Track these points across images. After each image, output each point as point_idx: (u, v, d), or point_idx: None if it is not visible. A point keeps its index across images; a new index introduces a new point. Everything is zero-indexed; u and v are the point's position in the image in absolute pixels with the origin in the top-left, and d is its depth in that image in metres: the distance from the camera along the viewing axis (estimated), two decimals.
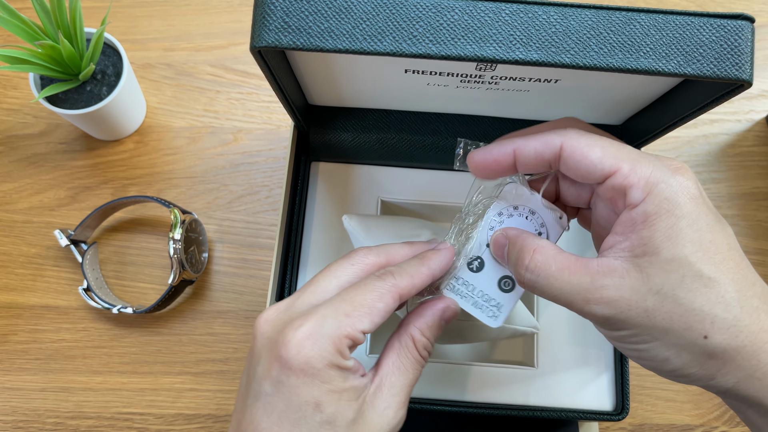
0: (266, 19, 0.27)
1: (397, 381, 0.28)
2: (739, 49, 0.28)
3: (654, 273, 0.24)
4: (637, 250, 0.25)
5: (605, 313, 0.25)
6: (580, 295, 0.25)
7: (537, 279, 0.27)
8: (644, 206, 0.25)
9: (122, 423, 0.48)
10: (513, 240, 0.29)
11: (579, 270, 0.26)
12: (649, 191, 0.25)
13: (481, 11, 0.28)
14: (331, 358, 0.25)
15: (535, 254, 0.27)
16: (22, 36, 0.45)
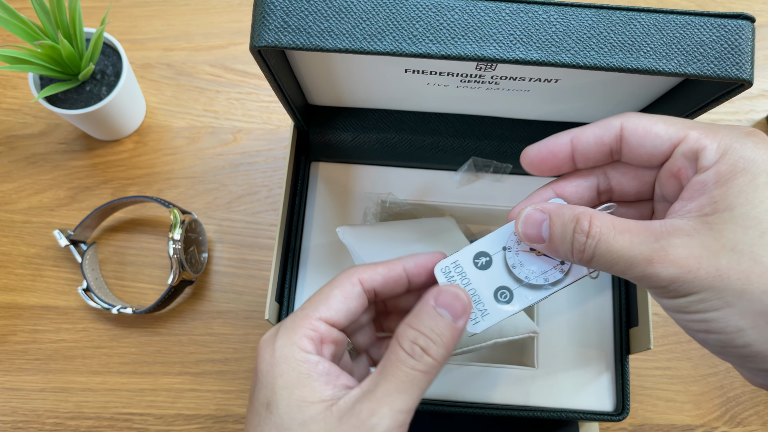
0: (266, 19, 0.27)
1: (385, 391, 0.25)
2: (740, 48, 0.28)
3: (727, 229, 0.22)
4: (706, 209, 0.23)
5: (671, 274, 0.22)
6: (643, 256, 0.23)
7: (597, 244, 0.24)
8: (717, 167, 0.23)
9: (122, 423, 0.48)
10: (556, 212, 0.26)
11: (641, 231, 0.24)
12: (724, 151, 0.23)
13: (481, 11, 0.28)
14: (284, 351, 0.25)
15: (594, 219, 0.25)
16: (22, 36, 0.45)
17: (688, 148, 0.25)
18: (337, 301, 0.27)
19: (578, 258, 0.25)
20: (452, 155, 0.45)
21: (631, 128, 0.26)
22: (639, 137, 0.26)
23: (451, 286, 0.27)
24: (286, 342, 0.26)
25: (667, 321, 0.51)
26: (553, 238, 0.26)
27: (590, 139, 0.27)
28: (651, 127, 0.26)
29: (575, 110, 0.43)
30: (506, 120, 0.45)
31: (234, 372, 0.49)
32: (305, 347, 0.26)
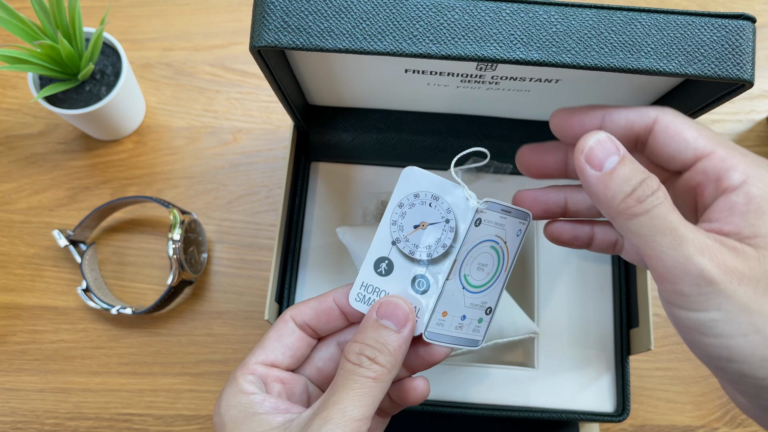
0: (266, 19, 0.27)
1: (336, 406, 0.25)
2: (741, 48, 0.28)
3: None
4: (745, 231, 0.23)
5: (714, 275, 0.21)
6: (696, 242, 0.22)
7: (660, 205, 0.23)
8: (746, 188, 0.23)
9: (121, 424, 0.48)
10: (630, 158, 0.25)
11: (692, 225, 0.23)
12: (750, 174, 0.23)
13: (481, 11, 0.27)
14: (229, 397, 0.26)
15: (662, 187, 0.24)
16: (21, 36, 0.45)
17: (712, 166, 0.24)
18: (271, 342, 0.28)
19: (629, 204, 0.24)
20: (452, 155, 0.45)
21: (665, 124, 0.26)
22: (668, 136, 0.25)
23: (391, 297, 0.27)
24: (230, 392, 0.27)
25: (668, 322, 0.50)
26: (616, 174, 0.24)
27: (621, 120, 0.27)
28: (683, 130, 0.25)
29: None
30: (507, 120, 0.45)
31: None
32: (247, 390, 0.26)
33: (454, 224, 0.28)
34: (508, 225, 0.29)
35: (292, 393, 0.28)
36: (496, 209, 0.29)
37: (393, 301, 0.27)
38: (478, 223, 0.29)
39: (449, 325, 0.29)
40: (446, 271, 0.28)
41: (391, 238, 0.29)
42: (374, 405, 0.25)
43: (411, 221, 0.29)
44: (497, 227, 0.29)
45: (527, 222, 0.30)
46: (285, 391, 0.28)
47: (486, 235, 0.29)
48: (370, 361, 0.25)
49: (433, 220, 0.29)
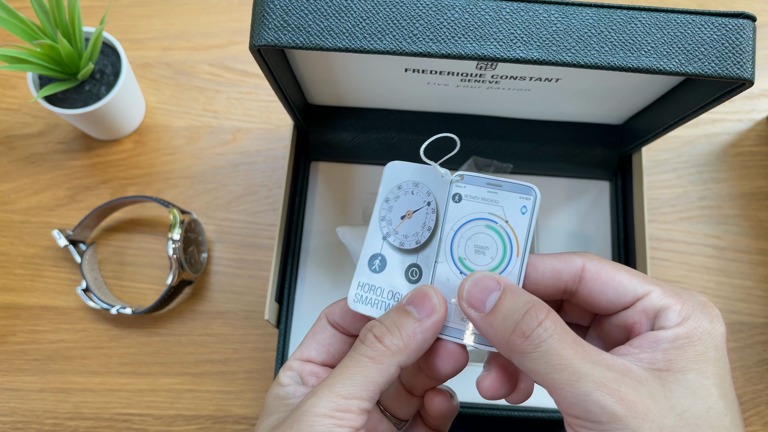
0: (266, 18, 0.27)
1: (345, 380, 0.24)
2: (741, 47, 0.28)
3: (679, 391, 0.22)
4: (659, 363, 0.23)
5: (615, 410, 0.21)
6: (594, 378, 0.22)
7: (549, 339, 0.22)
8: (678, 329, 0.23)
9: (121, 424, 0.48)
10: (513, 289, 0.25)
11: (593, 352, 0.23)
12: (686, 316, 0.23)
13: (481, 9, 0.27)
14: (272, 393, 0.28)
15: (551, 314, 0.23)
16: (21, 35, 0.45)
17: (652, 305, 0.24)
18: (307, 339, 0.29)
19: (516, 343, 0.23)
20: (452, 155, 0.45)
21: (594, 271, 0.25)
22: (602, 283, 0.25)
23: (424, 287, 0.26)
24: (272, 387, 0.28)
25: None
26: (498, 311, 0.24)
27: (547, 270, 0.26)
28: (614, 274, 0.25)
29: (576, 110, 0.43)
30: (507, 119, 0.45)
31: (233, 372, 0.49)
32: (283, 382, 0.28)
33: (435, 205, 0.28)
34: (504, 201, 0.28)
35: None
36: (478, 183, 0.28)
37: (424, 290, 0.26)
38: (457, 198, 0.28)
39: (455, 317, 0.27)
40: (434, 254, 0.28)
41: (381, 234, 0.28)
42: (368, 386, 0.24)
43: (398, 213, 0.29)
44: (488, 203, 0.28)
45: (532, 197, 0.28)
46: None
47: (474, 213, 0.28)
48: (375, 339, 0.25)
49: (417, 207, 0.28)
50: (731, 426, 0.22)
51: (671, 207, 0.53)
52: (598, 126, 0.45)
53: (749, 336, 0.50)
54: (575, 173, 0.47)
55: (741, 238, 0.52)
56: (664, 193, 0.53)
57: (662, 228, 0.52)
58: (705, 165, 0.54)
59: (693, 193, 0.53)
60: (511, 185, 0.28)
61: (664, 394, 0.22)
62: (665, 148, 0.54)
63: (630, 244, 0.45)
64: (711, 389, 0.22)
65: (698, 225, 0.52)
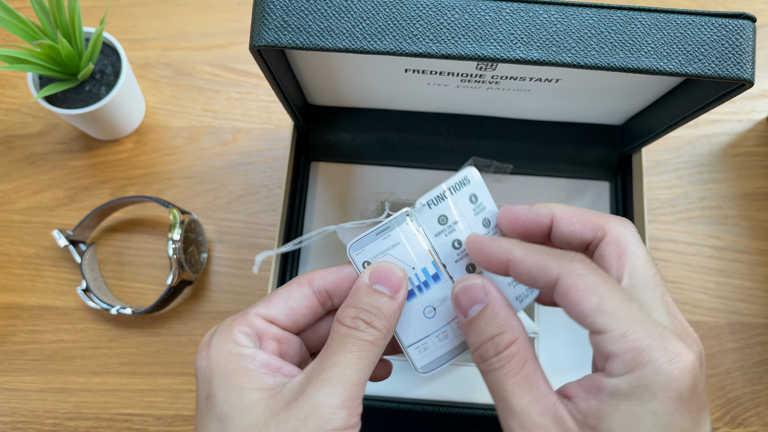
0: (266, 18, 0.27)
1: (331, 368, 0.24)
2: (741, 48, 0.28)
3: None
4: (590, 420, 0.22)
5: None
6: (519, 418, 0.23)
7: (498, 370, 0.24)
8: (618, 381, 0.22)
9: (121, 424, 0.48)
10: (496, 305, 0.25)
11: (537, 393, 0.23)
12: (632, 369, 0.21)
13: (481, 10, 0.27)
14: (219, 347, 0.25)
15: (514, 345, 0.24)
16: (21, 35, 0.45)
17: (603, 346, 0.22)
18: (279, 299, 0.27)
19: (475, 359, 0.25)
20: (452, 155, 0.45)
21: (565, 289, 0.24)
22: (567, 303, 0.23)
23: (384, 263, 0.27)
24: (222, 338, 0.25)
25: None
26: (474, 325, 0.25)
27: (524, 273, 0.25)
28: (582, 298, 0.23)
29: (576, 110, 0.43)
30: (507, 120, 0.45)
31: None
32: (240, 341, 0.25)
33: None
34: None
35: (286, 354, 0.27)
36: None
37: (387, 267, 0.27)
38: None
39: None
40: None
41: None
42: (370, 369, 0.25)
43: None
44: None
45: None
46: (279, 350, 0.27)
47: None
48: (367, 325, 0.25)
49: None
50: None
51: (671, 207, 0.53)
52: (598, 126, 0.45)
53: (749, 336, 0.50)
54: (575, 173, 0.47)
55: (741, 239, 0.52)
56: (664, 193, 0.53)
57: (662, 228, 0.52)
58: (705, 165, 0.54)
59: (693, 193, 0.53)
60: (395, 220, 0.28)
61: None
62: (665, 149, 0.54)
63: None
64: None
65: (698, 225, 0.52)
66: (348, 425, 0.23)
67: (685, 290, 0.51)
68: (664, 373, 0.21)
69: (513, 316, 0.25)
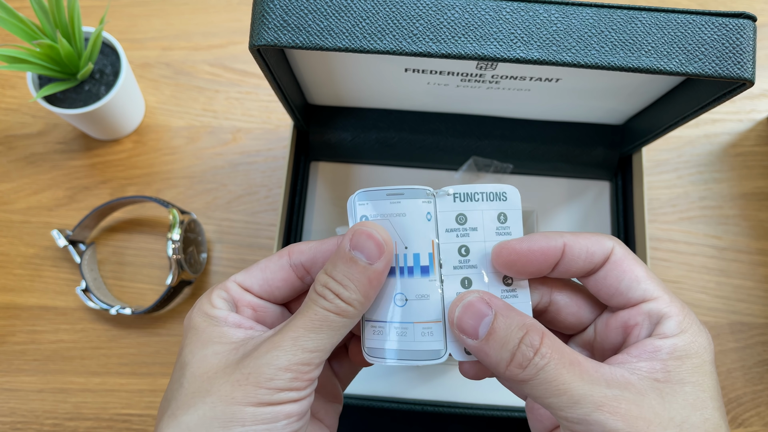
0: (265, 18, 0.27)
1: (286, 325, 0.24)
2: (741, 47, 0.28)
3: (678, 402, 0.22)
4: (658, 374, 0.23)
5: (617, 428, 0.21)
6: (593, 399, 0.22)
7: (546, 366, 0.22)
8: (676, 340, 0.23)
9: (121, 424, 0.48)
10: (505, 311, 0.24)
11: (591, 369, 0.23)
12: (685, 329, 0.24)
13: (481, 9, 0.27)
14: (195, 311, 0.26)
15: (546, 337, 0.23)
16: (20, 35, 0.45)
17: (657, 311, 0.24)
18: (256, 269, 0.27)
19: (514, 372, 0.23)
20: (452, 155, 0.45)
21: (619, 259, 0.25)
22: (620, 271, 0.25)
23: (365, 224, 0.25)
24: (201, 302, 0.26)
25: None
26: (492, 339, 0.23)
27: (582, 251, 0.25)
28: (634, 268, 0.25)
29: (576, 110, 0.43)
30: (507, 120, 0.44)
31: None
32: (215, 304, 0.26)
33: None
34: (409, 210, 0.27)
35: (263, 322, 0.27)
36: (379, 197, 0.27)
37: (366, 231, 0.24)
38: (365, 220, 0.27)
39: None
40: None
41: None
42: (331, 339, 0.24)
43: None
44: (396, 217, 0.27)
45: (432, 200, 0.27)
46: (255, 317, 0.27)
47: None
48: (334, 296, 0.24)
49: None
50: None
51: (671, 207, 0.53)
52: (599, 126, 0.45)
53: (749, 336, 0.50)
54: (575, 173, 0.47)
55: (741, 239, 0.52)
56: (664, 193, 0.53)
57: (662, 228, 0.52)
58: (705, 165, 0.54)
59: (693, 193, 0.53)
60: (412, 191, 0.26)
61: (663, 405, 0.22)
62: (665, 148, 0.54)
63: (630, 245, 0.45)
64: (707, 402, 0.23)
65: (699, 225, 0.52)
66: (290, 387, 0.23)
67: (686, 290, 0.51)
68: (704, 335, 0.24)
69: (525, 314, 0.24)
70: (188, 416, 0.22)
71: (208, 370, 0.24)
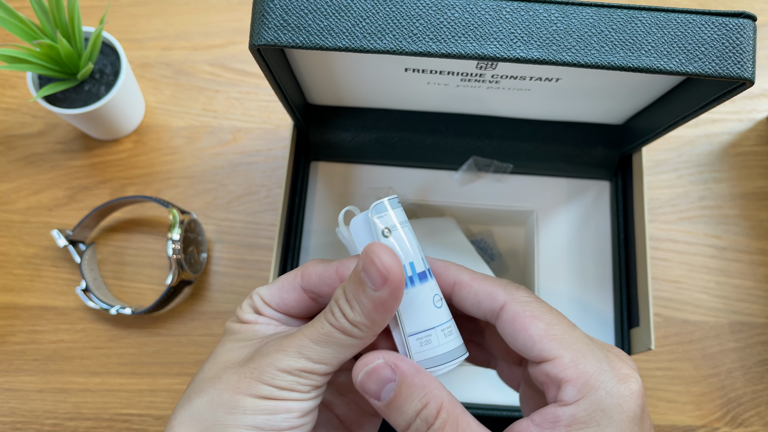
0: (265, 17, 0.27)
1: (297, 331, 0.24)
2: (741, 47, 0.28)
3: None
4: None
5: None
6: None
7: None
8: (575, 409, 0.22)
9: (121, 424, 0.48)
10: (410, 380, 0.24)
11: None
12: (585, 394, 0.22)
13: (481, 9, 0.27)
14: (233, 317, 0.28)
15: (443, 411, 0.23)
16: (20, 35, 0.45)
17: (554, 374, 0.23)
18: (275, 286, 0.28)
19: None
20: (452, 155, 0.45)
21: (511, 314, 0.24)
22: (514, 329, 0.24)
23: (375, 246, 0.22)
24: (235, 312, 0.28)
25: (668, 321, 0.50)
26: (393, 406, 0.24)
27: (469, 297, 0.26)
28: (529, 324, 0.24)
29: (576, 110, 0.43)
30: (507, 119, 0.44)
31: None
32: (244, 309, 0.28)
33: None
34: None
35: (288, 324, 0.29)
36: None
37: (372, 256, 0.22)
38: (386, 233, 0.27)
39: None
40: None
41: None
42: (337, 355, 0.24)
43: None
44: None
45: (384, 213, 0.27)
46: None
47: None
48: (341, 314, 0.23)
49: None
50: None
51: (672, 207, 0.53)
52: (599, 126, 0.45)
53: (749, 336, 0.50)
54: (575, 173, 0.47)
55: (741, 238, 0.52)
56: (664, 192, 0.53)
57: (663, 228, 0.52)
58: (705, 165, 0.54)
59: (693, 193, 0.53)
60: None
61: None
62: (666, 148, 0.54)
63: (630, 244, 0.45)
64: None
65: (699, 225, 0.52)
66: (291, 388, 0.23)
67: (686, 290, 0.51)
68: (617, 394, 0.22)
69: (429, 380, 0.24)
70: (199, 399, 0.24)
71: (225, 361, 0.25)
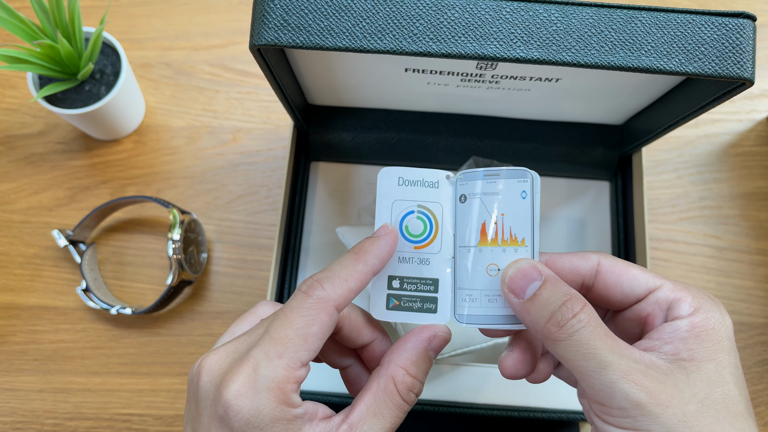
0: (266, 17, 0.27)
1: (370, 429, 0.25)
2: (741, 47, 0.28)
3: (700, 380, 0.23)
4: (683, 354, 0.24)
5: (640, 399, 0.22)
6: (621, 367, 0.23)
7: (582, 329, 0.23)
8: (692, 318, 0.24)
9: (121, 424, 0.48)
10: (553, 280, 0.25)
11: (621, 345, 0.24)
12: (698, 307, 0.25)
13: (481, 9, 0.27)
14: (274, 413, 0.23)
15: (587, 307, 0.24)
16: (21, 35, 0.45)
17: (664, 297, 0.25)
18: (319, 341, 0.24)
19: (550, 331, 0.24)
20: (452, 155, 0.45)
21: (609, 266, 0.27)
22: (617, 276, 0.26)
23: (434, 327, 0.27)
24: (270, 400, 0.23)
25: None
26: (536, 300, 0.25)
27: (566, 264, 0.27)
28: (627, 268, 0.26)
29: (576, 110, 0.43)
30: (507, 120, 0.45)
31: None
32: (295, 402, 0.24)
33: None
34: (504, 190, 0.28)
35: None
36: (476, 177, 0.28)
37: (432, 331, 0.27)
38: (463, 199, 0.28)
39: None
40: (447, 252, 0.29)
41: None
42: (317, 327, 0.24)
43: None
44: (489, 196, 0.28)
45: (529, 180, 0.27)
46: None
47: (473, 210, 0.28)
48: (415, 396, 0.26)
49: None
50: (745, 411, 0.24)
51: (671, 207, 0.53)
52: (598, 126, 0.45)
53: (749, 336, 0.50)
54: (575, 173, 0.47)
55: (741, 239, 0.52)
56: (664, 193, 0.53)
57: (662, 228, 0.52)
58: (705, 165, 0.54)
59: (693, 193, 0.53)
60: (508, 172, 0.28)
61: (687, 383, 0.23)
62: (665, 148, 0.54)
63: (630, 244, 0.45)
64: (727, 377, 0.24)
65: (698, 225, 0.52)
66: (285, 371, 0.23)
67: None
68: (717, 309, 0.25)
69: (572, 288, 0.25)
70: None
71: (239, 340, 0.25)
